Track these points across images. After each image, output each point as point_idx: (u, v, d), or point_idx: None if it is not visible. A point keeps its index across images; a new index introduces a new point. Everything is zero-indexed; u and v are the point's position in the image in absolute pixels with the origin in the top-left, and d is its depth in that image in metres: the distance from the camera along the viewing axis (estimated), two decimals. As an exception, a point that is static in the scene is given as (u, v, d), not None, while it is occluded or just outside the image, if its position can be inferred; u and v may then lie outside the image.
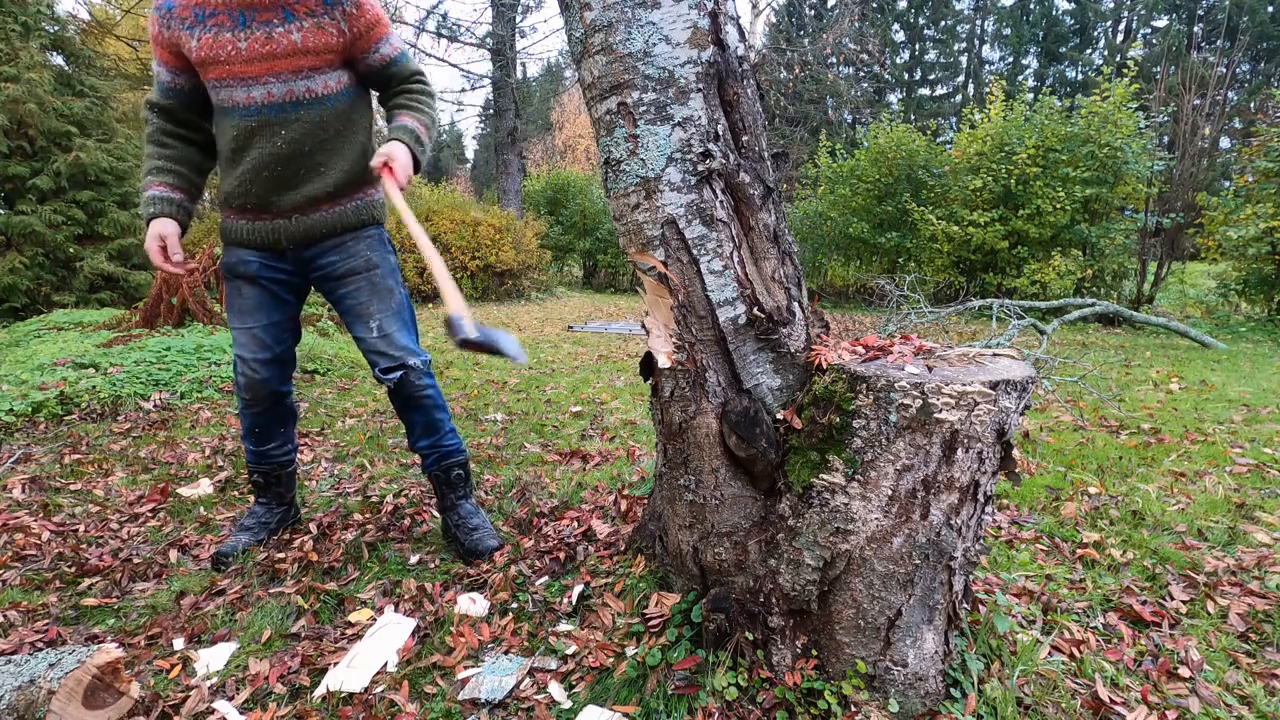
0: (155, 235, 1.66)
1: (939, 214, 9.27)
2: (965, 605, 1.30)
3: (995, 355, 1.26)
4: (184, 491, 2.37)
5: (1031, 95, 9.65)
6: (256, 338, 1.77)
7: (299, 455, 2.28)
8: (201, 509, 2.24)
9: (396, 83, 1.77)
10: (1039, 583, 1.72)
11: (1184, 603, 1.63)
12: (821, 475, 1.19)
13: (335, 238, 1.74)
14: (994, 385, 1.08)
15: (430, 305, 8.89)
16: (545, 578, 1.71)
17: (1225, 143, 13.12)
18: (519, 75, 16.65)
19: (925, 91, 29.57)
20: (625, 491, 2.19)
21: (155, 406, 3.47)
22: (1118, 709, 1.25)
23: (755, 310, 1.23)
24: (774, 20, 22.53)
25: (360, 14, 1.63)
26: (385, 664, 1.41)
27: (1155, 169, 8.28)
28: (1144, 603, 1.62)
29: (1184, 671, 1.36)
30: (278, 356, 1.81)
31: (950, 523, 1.15)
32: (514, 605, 1.60)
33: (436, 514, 2.17)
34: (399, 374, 1.76)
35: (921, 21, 28.93)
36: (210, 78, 1.61)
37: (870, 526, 1.16)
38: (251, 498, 2.33)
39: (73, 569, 1.82)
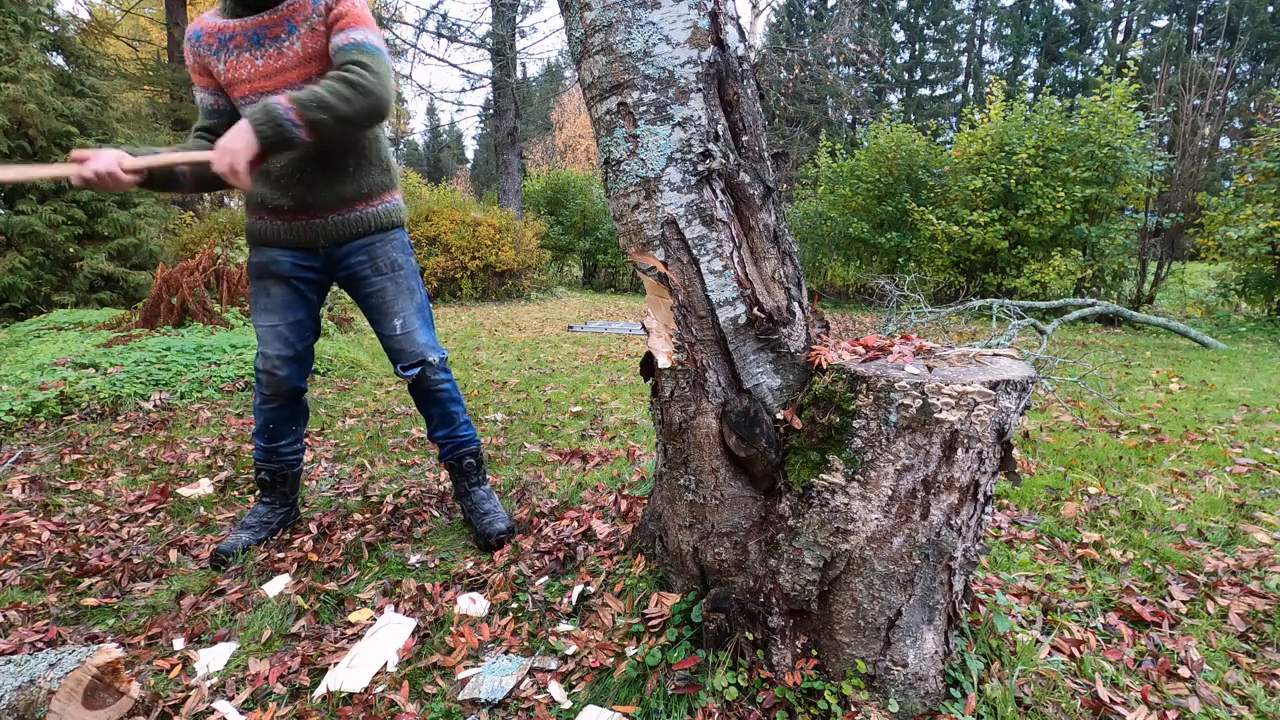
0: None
1: (939, 214, 9.27)
2: (965, 605, 1.30)
3: (995, 355, 1.26)
4: (184, 491, 2.37)
5: (1031, 95, 9.65)
6: (281, 335, 1.86)
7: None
8: (201, 509, 2.24)
9: (334, 67, 1.64)
10: (1039, 583, 1.72)
11: (1184, 603, 1.63)
12: (821, 475, 1.19)
13: (365, 238, 1.84)
14: (994, 385, 1.08)
15: (443, 303, 8.87)
16: (545, 578, 1.71)
17: (1225, 143, 13.11)
18: (519, 75, 16.64)
19: (925, 91, 29.56)
20: (625, 491, 2.19)
21: (155, 406, 3.47)
22: (1118, 709, 1.25)
23: (755, 310, 1.23)
24: (774, 20, 22.53)
25: (336, 5, 1.64)
26: (385, 664, 1.41)
27: (1155, 169, 8.28)
28: (1144, 603, 1.62)
29: (1184, 671, 1.36)
30: (299, 354, 1.89)
31: (950, 523, 1.15)
32: (514, 605, 1.60)
33: (436, 514, 2.18)
34: (418, 369, 1.87)
35: (921, 21, 28.93)
36: (237, 96, 1.72)
37: (870, 526, 1.16)
38: (252, 498, 2.34)
39: (73, 569, 1.82)
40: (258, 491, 2.00)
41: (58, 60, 8.26)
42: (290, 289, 1.84)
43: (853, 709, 1.19)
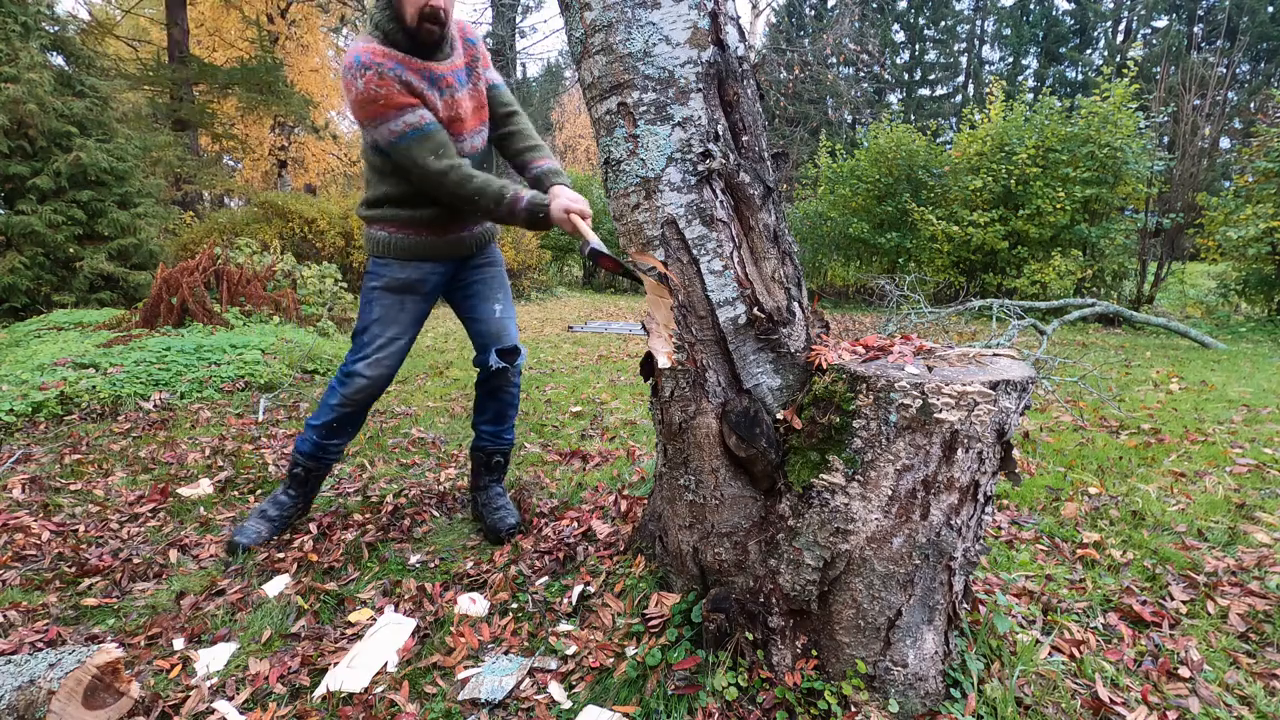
0: (560, 208, 1.62)
1: (939, 214, 9.27)
2: (965, 605, 1.30)
3: (995, 355, 1.26)
4: (184, 491, 2.37)
5: (1031, 95, 9.65)
6: (401, 350, 1.90)
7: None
8: (201, 509, 2.24)
9: (500, 108, 1.92)
10: (1039, 583, 1.72)
11: (1184, 603, 1.63)
12: (821, 475, 1.19)
13: (489, 243, 2.04)
14: (994, 385, 1.08)
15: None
16: (545, 578, 1.71)
17: (1225, 143, 13.12)
18: (519, 75, 16.64)
19: (925, 91, 29.55)
20: (625, 491, 2.19)
21: (155, 406, 3.47)
22: (1118, 709, 1.25)
23: (755, 310, 1.23)
24: (774, 20, 22.55)
25: (480, 46, 1.86)
26: (385, 664, 1.41)
27: (1155, 169, 8.28)
28: (1144, 603, 1.62)
29: (1184, 671, 1.36)
30: (397, 368, 1.94)
31: (950, 523, 1.15)
32: (514, 605, 1.60)
33: (436, 514, 2.18)
34: (504, 363, 1.96)
35: (921, 21, 28.92)
36: (455, 133, 1.79)
37: (870, 526, 1.16)
38: (252, 498, 2.34)
39: (73, 569, 1.82)
40: (282, 484, 2.02)
41: (58, 60, 8.26)
42: (424, 307, 1.93)
43: (853, 709, 1.19)
